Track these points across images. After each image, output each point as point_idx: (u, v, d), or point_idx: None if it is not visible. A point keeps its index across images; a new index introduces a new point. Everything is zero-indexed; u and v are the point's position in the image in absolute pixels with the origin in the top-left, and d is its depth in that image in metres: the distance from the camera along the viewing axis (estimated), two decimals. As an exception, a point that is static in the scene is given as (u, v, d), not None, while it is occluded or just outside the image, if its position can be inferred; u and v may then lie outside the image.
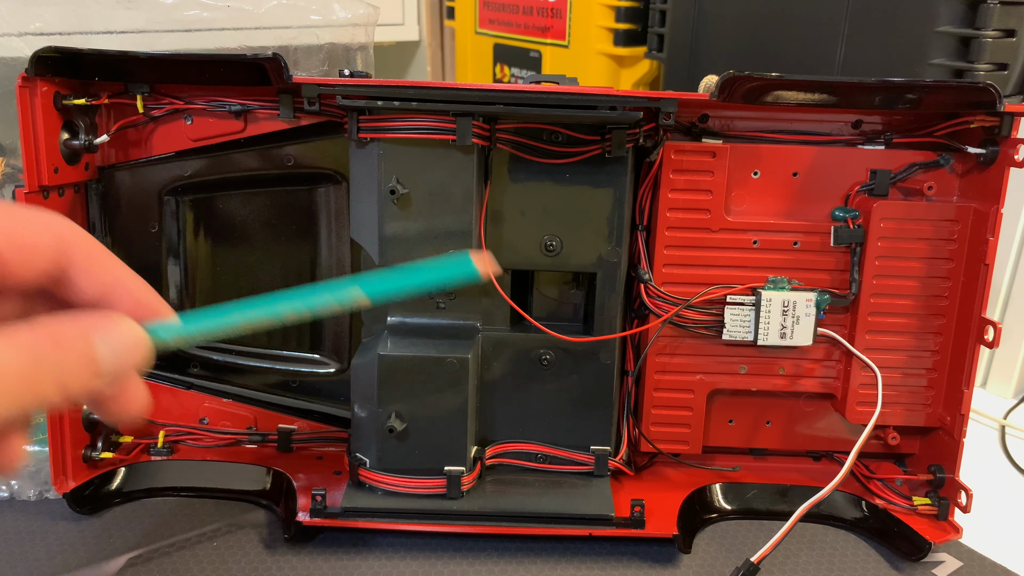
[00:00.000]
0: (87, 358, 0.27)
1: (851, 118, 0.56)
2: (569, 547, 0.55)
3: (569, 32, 1.03)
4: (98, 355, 0.28)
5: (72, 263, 0.29)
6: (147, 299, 0.30)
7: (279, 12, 0.69)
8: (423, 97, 0.49)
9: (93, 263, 0.29)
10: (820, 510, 0.57)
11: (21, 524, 0.56)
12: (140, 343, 0.29)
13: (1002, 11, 0.61)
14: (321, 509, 0.54)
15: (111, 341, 0.28)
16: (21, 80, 0.49)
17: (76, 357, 0.27)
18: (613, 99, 0.49)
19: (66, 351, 0.27)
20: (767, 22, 0.79)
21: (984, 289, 0.53)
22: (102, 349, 0.28)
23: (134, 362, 0.29)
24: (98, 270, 0.29)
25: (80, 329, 0.28)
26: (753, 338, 0.55)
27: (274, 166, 0.58)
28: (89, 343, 0.28)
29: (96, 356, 0.28)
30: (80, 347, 0.27)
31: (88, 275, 0.29)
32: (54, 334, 0.27)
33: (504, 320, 0.57)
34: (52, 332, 0.27)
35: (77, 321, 0.28)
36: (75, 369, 0.27)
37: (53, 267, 0.29)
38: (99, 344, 0.28)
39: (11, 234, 0.27)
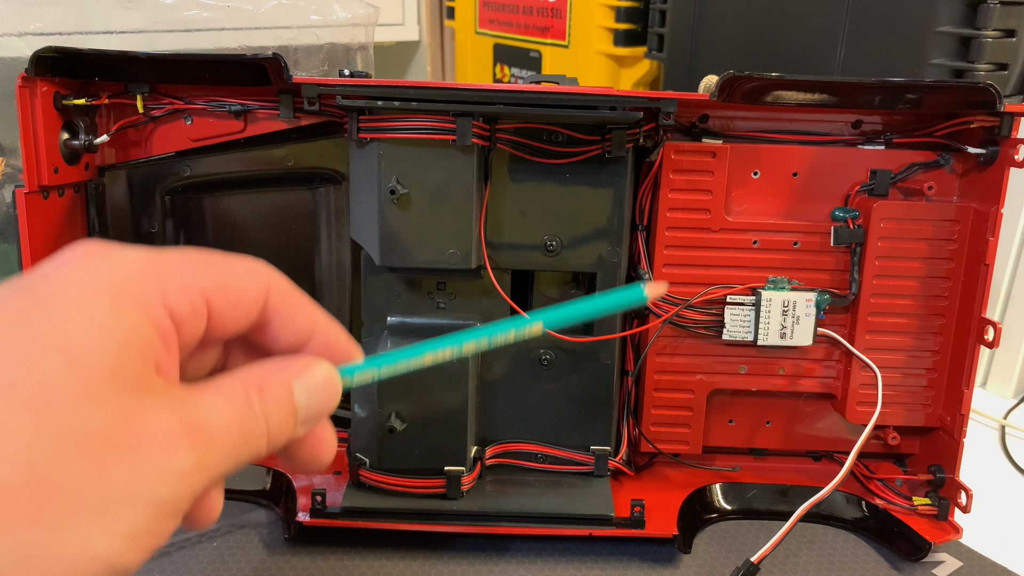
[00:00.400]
0: (290, 408, 0.27)
1: (851, 118, 0.56)
2: (569, 547, 0.55)
3: (569, 32, 1.03)
4: (298, 403, 0.28)
5: (276, 312, 0.29)
6: (340, 342, 0.30)
7: (279, 12, 0.69)
8: (423, 97, 0.49)
9: (293, 310, 0.29)
10: (820, 510, 0.57)
11: (21, 524, 0.56)
12: (334, 387, 0.29)
13: (1002, 11, 0.61)
14: (321, 509, 0.54)
15: (309, 387, 0.28)
16: (21, 80, 0.49)
17: (281, 408, 0.27)
18: (613, 99, 0.49)
19: (272, 400, 0.27)
20: (767, 22, 0.79)
21: (984, 289, 0.53)
22: (301, 397, 0.28)
23: (329, 406, 0.29)
24: (297, 316, 0.29)
25: (283, 377, 0.27)
26: (753, 338, 0.55)
27: (274, 166, 0.58)
28: (291, 391, 0.27)
29: (296, 405, 0.27)
30: (284, 396, 0.27)
31: (288, 322, 0.29)
32: (261, 384, 0.27)
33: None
34: (258, 382, 0.27)
35: (277, 369, 0.28)
36: (280, 418, 0.27)
37: (259, 317, 0.28)
38: (299, 392, 0.28)
39: (223, 287, 0.27)
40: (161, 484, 0.23)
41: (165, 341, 0.25)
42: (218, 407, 0.25)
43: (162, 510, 0.23)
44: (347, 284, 0.60)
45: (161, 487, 0.23)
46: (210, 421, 0.25)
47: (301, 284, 0.63)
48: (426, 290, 0.56)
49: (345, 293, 0.60)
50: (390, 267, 0.55)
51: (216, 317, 0.27)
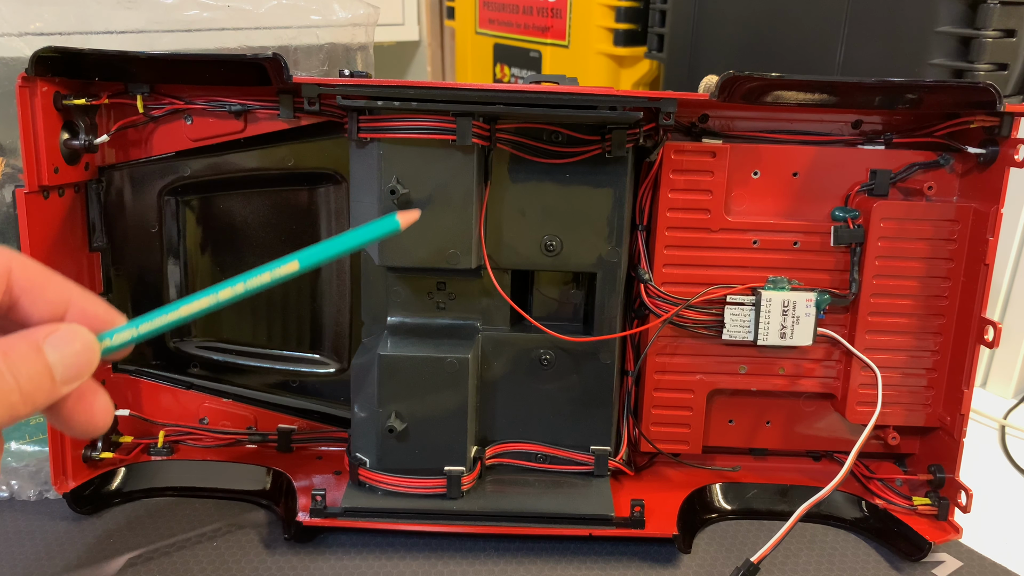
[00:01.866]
0: (41, 366, 0.29)
1: (851, 118, 0.56)
2: (569, 547, 0.55)
3: (569, 32, 1.03)
4: (51, 361, 0.29)
5: (23, 290, 0.31)
6: (98, 311, 0.32)
7: (279, 12, 0.69)
8: (423, 97, 0.49)
9: (42, 286, 0.31)
10: (820, 510, 0.57)
11: (21, 524, 0.56)
12: (86, 344, 0.31)
13: (1002, 11, 0.61)
14: (321, 509, 0.54)
15: (59, 346, 0.30)
16: (21, 80, 0.49)
17: (30, 366, 0.29)
18: (613, 99, 0.49)
19: (18, 361, 0.29)
20: (767, 22, 0.79)
21: (984, 289, 0.53)
22: (52, 355, 0.30)
23: (86, 363, 0.31)
24: (47, 291, 0.31)
25: (28, 340, 0.29)
26: (753, 338, 0.55)
27: (274, 166, 0.58)
28: (39, 351, 0.29)
29: (49, 363, 0.29)
30: (31, 356, 0.29)
31: (38, 298, 0.31)
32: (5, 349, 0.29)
33: (504, 320, 0.57)
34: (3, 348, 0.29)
35: (24, 334, 0.30)
36: (33, 378, 0.29)
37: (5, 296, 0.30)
38: (49, 351, 0.29)
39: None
40: None
41: None
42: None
43: None
44: (347, 284, 0.60)
45: None
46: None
47: (301, 284, 0.64)
48: (426, 290, 0.56)
49: (345, 293, 0.60)
50: (390, 267, 0.55)
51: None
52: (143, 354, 0.61)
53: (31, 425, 0.60)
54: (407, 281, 0.56)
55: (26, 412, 0.29)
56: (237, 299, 0.36)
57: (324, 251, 0.38)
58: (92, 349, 0.31)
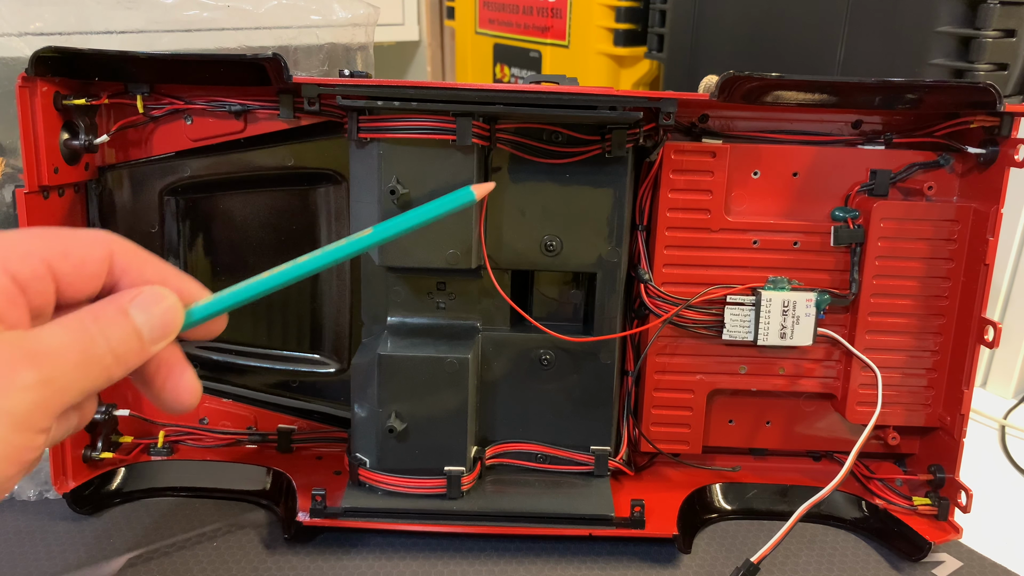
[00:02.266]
0: (130, 327, 0.31)
1: (851, 118, 0.56)
2: (569, 547, 0.55)
3: (569, 32, 1.03)
4: (138, 323, 0.31)
5: (124, 272, 0.32)
6: (191, 289, 0.34)
7: (279, 12, 0.69)
8: (423, 97, 0.49)
9: (141, 267, 0.33)
10: (820, 510, 0.57)
11: (21, 524, 0.56)
12: (172, 306, 0.32)
13: (1002, 11, 0.61)
14: (321, 509, 0.54)
15: (145, 307, 0.31)
16: (21, 80, 0.49)
17: (120, 329, 0.30)
18: (613, 99, 0.49)
19: (108, 323, 0.30)
20: (767, 22, 0.79)
21: (984, 289, 0.53)
22: (139, 317, 0.31)
23: (172, 323, 0.32)
24: (146, 271, 0.33)
25: (115, 304, 0.31)
26: (753, 338, 0.55)
27: (274, 166, 0.58)
28: (126, 314, 0.31)
29: (136, 324, 0.31)
30: (119, 319, 0.31)
31: (135, 278, 0.32)
32: (92, 311, 0.30)
33: (504, 320, 0.57)
34: (91, 310, 0.30)
35: (110, 299, 0.31)
36: (122, 339, 0.30)
37: (108, 278, 0.32)
38: (135, 313, 0.31)
39: (65, 254, 0.31)
40: (8, 397, 0.27)
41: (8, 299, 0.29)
42: (56, 334, 0.29)
43: (16, 421, 0.27)
44: (347, 284, 0.60)
45: (9, 400, 0.27)
46: (49, 344, 0.28)
47: (301, 284, 0.64)
48: (426, 290, 0.56)
49: (345, 293, 0.60)
50: (390, 267, 0.55)
51: (64, 280, 0.30)
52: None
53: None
54: (407, 281, 0.56)
55: (120, 373, 0.31)
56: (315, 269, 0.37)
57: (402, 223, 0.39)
58: (176, 309, 0.32)
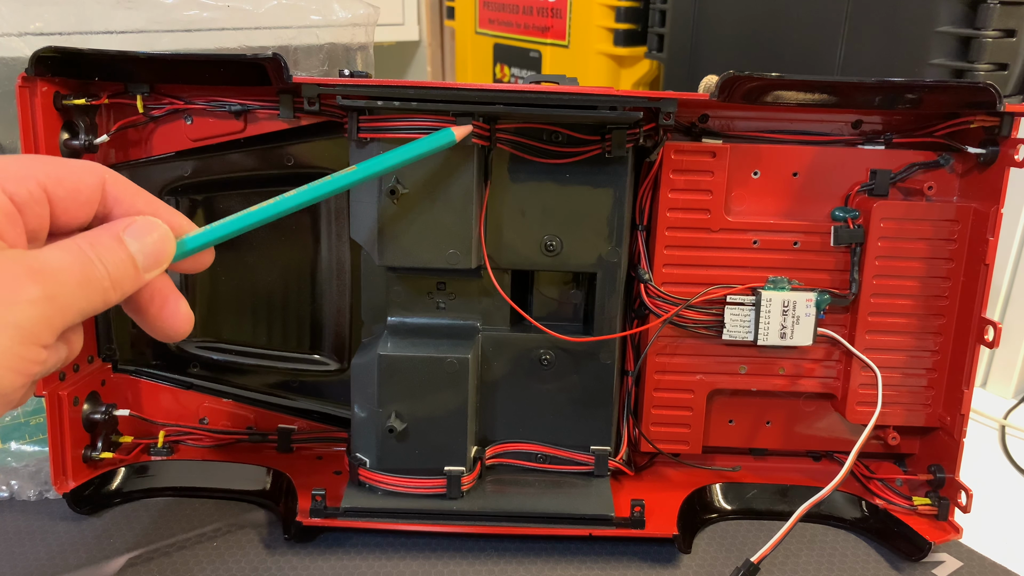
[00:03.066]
0: (124, 254, 0.32)
1: (851, 118, 0.56)
2: (569, 547, 0.55)
3: (569, 32, 1.03)
4: (132, 250, 0.32)
5: (117, 201, 0.34)
6: (179, 221, 0.36)
7: (279, 12, 0.69)
8: (423, 97, 0.49)
9: (133, 198, 0.34)
10: (820, 510, 0.57)
11: (21, 524, 0.56)
12: (164, 235, 0.34)
13: (1002, 11, 0.61)
14: (321, 509, 0.54)
15: (138, 235, 0.33)
16: (21, 80, 0.49)
17: (115, 255, 0.32)
18: (613, 99, 0.49)
19: (104, 249, 0.32)
20: (767, 22, 0.79)
21: (984, 289, 0.53)
22: (133, 244, 0.33)
23: (164, 252, 0.34)
24: (138, 202, 0.34)
25: (110, 232, 0.32)
26: (753, 338, 0.55)
27: (274, 166, 0.58)
28: (121, 241, 0.32)
29: (131, 251, 0.32)
30: (114, 246, 0.32)
31: (128, 208, 0.34)
32: (89, 237, 0.32)
33: (504, 320, 0.57)
34: (87, 236, 0.32)
35: (105, 227, 0.33)
36: (118, 264, 0.32)
37: (100, 207, 0.33)
38: (129, 241, 0.33)
39: (59, 179, 0.32)
40: (14, 310, 0.28)
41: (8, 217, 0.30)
42: (56, 254, 0.30)
43: (23, 334, 0.29)
44: (347, 284, 0.60)
45: (15, 312, 0.28)
46: (51, 263, 0.30)
47: (301, 284, 0.64)
48: (426, 290, 0.56)
49: (345, 293, 0.60)
50: (390, 267, 0.55)
51: (58, 204, 0.32)
52: (143, 354, 0.61)
53: (31, 425, 0.60)
54: (407, 281, 0.56)
55: (116, 298, 0.32)
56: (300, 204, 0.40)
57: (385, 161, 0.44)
58: (168, 238, 0.34)
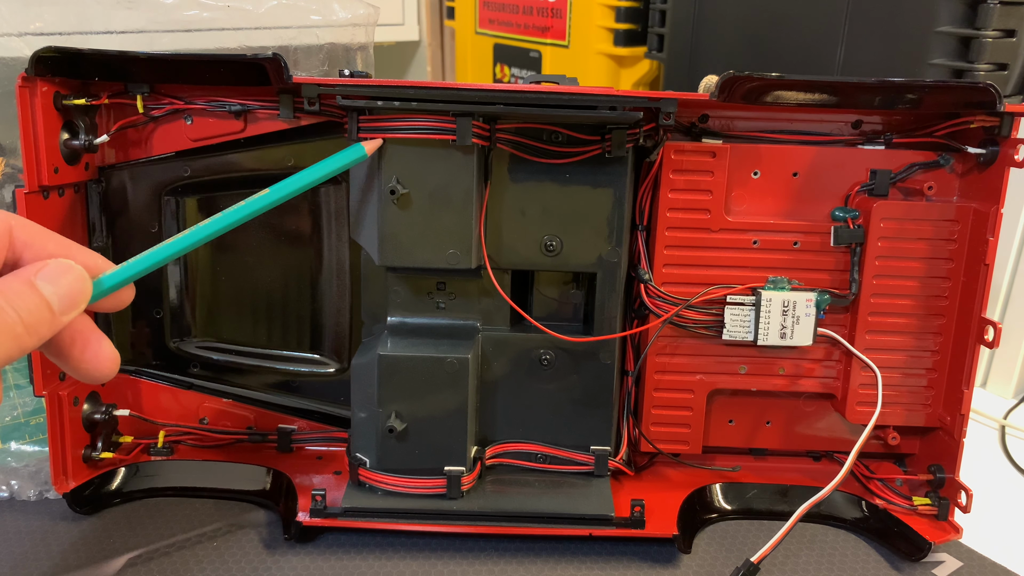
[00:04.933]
0: (38, 298, 0.31)
1: (851, 118, 0.56)
2: (569, 547, 0.55)
3: (569, 32, 1.03)
4: (46, 294, 0.32)
5: (25, 246, 0.33)
6: (94, 262, 0.35)
7: (279, 12, 0.69)
8: (423, 97, 0.49)
9: (43, 242, 0.33)
10: (820, 510, 0.57)
11: (21, 524, 0.56)
12: (79, 276, 0.33)
13: (1002, 11, 0.61)
14: (321, 509, 0.54)
15: (51, 279, 0.32)
16: (21, 80, 0.49)
17: (28, 300, 0.31)
18: (613, 99, 0.49)
19: (15, 295, 0.31)
20: (767, 22, 0.79)
21: (984, 289, 0.53)
22: (46, 288, 0.32)
23: (79, 293, 0.33)
24: (48, 245, 0.33)
25: (21, 278, 0.32)
26: (753, 338, 0.55)
27: (274, 166, 0.58)
28: (33, 286, 0.32)
29: (44, 295, 0.32)
30: (26, 291, 0.31)
31: (39, 252, 0.33)
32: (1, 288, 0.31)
33: (504, 320, 0.57)
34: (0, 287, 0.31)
35: (16, 273, 0.32)
36: (31, 310, 0.31)
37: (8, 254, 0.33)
38: (42, 285, 0.32)
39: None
40: None
41: None
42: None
43: None
44: (347, 284, 0.60)
45: None
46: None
47: (301, 284, 0.64)
48: (426, 290, 0.56)
49: (345, 293, 0.60)
50: (390, 267, 0.55)
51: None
52: (143, 354, 0.61)
53: (31, 425, 0.60)
54: (407, 281, 0.56)
55: (32, 343, 0.31)
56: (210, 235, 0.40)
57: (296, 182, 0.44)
58: (83, 279, 0.33)
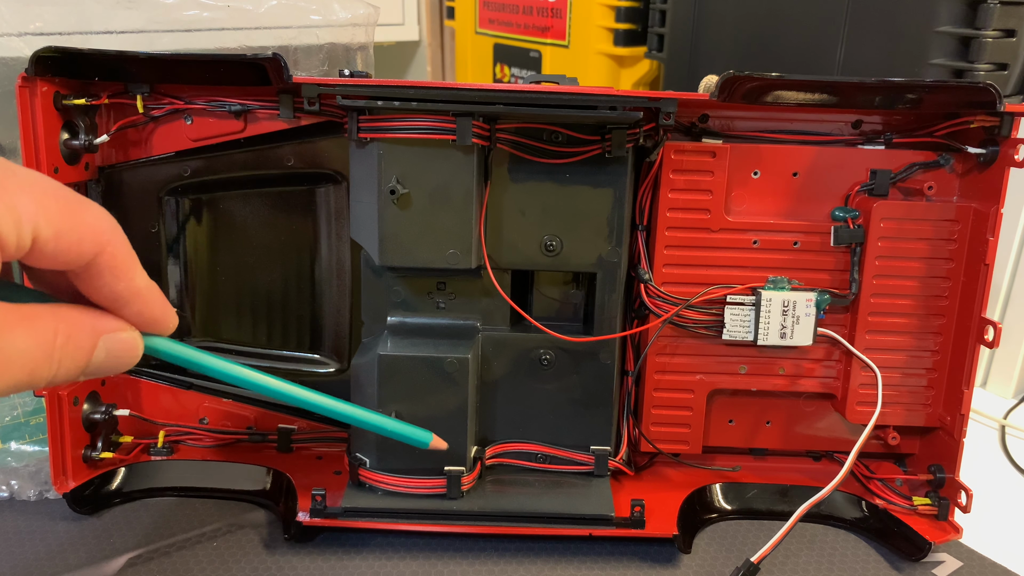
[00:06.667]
0: (85, 360, 0.29)
1: (851, 118, 0.56)
2: (569, 547, 0.55)
3: (569, 32, 1.03)
4: (96, 357, 0.30)
5: (100, 271, 0.30)
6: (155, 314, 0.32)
7: (279, 12, 0.69)
8: (423, 97, 0.49)
9: (121, 271, 0.30)
10: (820, 510, 0.57)
11: (21, 524, 0.56)
12: (135, 356, 0.31)
13: (1002, 11, 0.61)
14: (321, 509, 0.54)
15: (112, 347, 0.30)
16: (21, 80, 0.49)
17: (76, 359, 0.29)
18: (613, 99, 0.49)
19: (73, 350, 0.29)
20: (767, 22, 0.79)
21: (984, 289, 0.53)
22: (100, 353, 0.30)
23: (120, 370, 0.31)
24: (122, 278, 0.30)
25: (92, 331, 0.29)
26: (753, 338, 0.55)
27: (274, 166, 0.58)
28: (95, 347, 0.29)
29: (94, 360, 0.30)
30: (86, 349, 0.29)
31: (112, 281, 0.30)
32: (70, 332, 0.29)
33: (504, 320, 0.57)
34: (69, 329, 0.29)
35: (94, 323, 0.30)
36: (70, 368, 0.29)
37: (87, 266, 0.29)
38: (100, 348, 0.30)
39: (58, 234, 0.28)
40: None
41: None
42: (21, 345, 0.27)
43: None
44: (347, 284, 0.60)
45: None
46: (13, 359, 0.27)
47: (301, 284, 0.64)
48: (426, 290, 0.56)
49: (345, 293, 0.60)
50: (390, 267, 0.55)
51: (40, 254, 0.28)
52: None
53: (31, 425, 0.60)
54: (407, 281, 0.56)
55: (38, 384, 0.29)
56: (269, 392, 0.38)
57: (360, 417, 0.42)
58: (135, 360, 0.31)
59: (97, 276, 0.30)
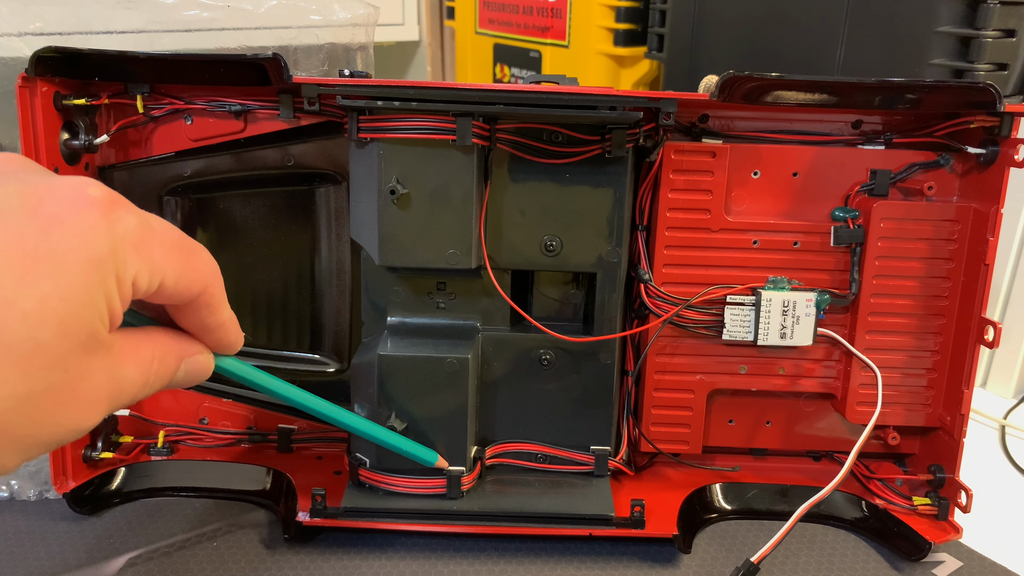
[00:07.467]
0: (168, 379, 0.33)
1: (851, 118, 0.56)
2: (569, 547, 0.55)
3: (569, 32, 1.03)
4: (176, 377, 0.33)
5: (197, 307, 0.33)
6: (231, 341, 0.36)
7: (279, 12, 0.69)
8: (423, 97, 0.49)
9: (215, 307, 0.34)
10: (820, 510, 0.57)
11: (21, 524, 0.56)
12: (207, 374, 0.35)
13: (1002, 11, 0.61)
14: (321, 509, 0.54)
15: (191, 368, 0.34)
16: (21, 80, 0.49)
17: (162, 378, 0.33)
18: (613, 99, 0.49)
19: (162, 372, 0.32)
20: (767, 22, 0.79)
21: (984, 289, 0.53)
22: (180, 373, 0.34)
23: (191, 384, 0.35)
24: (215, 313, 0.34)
25: (179, 355, 0.33)
26: (753, 338, 0.55)
27: (274, 166, 0.58)
28: (178, 367, 0.33)
29: (174, 377, 0.33)
30: (171, 370, 0.33)
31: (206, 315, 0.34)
32: (163, 357, 0.33)
33: (504, 320, 0.57)
34: (162, 355, 0.33)
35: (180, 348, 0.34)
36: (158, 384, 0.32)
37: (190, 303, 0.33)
38: (182, 368, 0.34)
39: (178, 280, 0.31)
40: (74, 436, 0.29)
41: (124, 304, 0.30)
42: (131, 376, 0.31)
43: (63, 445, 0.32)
44: (347, 284, 0.60)
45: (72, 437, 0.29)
46: (124, 388, 0.30)
47: (301, 284, 0.64)
48: (426, 290, 0.56)
49: (345, 293, 0.60)
50: (390, 267, 0.55)
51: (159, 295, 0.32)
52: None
53: (31, 425, 0.60)
54: (407, 281, 0.56)
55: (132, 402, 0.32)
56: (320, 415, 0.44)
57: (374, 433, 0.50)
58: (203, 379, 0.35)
59: (194, 311, 0.33)
